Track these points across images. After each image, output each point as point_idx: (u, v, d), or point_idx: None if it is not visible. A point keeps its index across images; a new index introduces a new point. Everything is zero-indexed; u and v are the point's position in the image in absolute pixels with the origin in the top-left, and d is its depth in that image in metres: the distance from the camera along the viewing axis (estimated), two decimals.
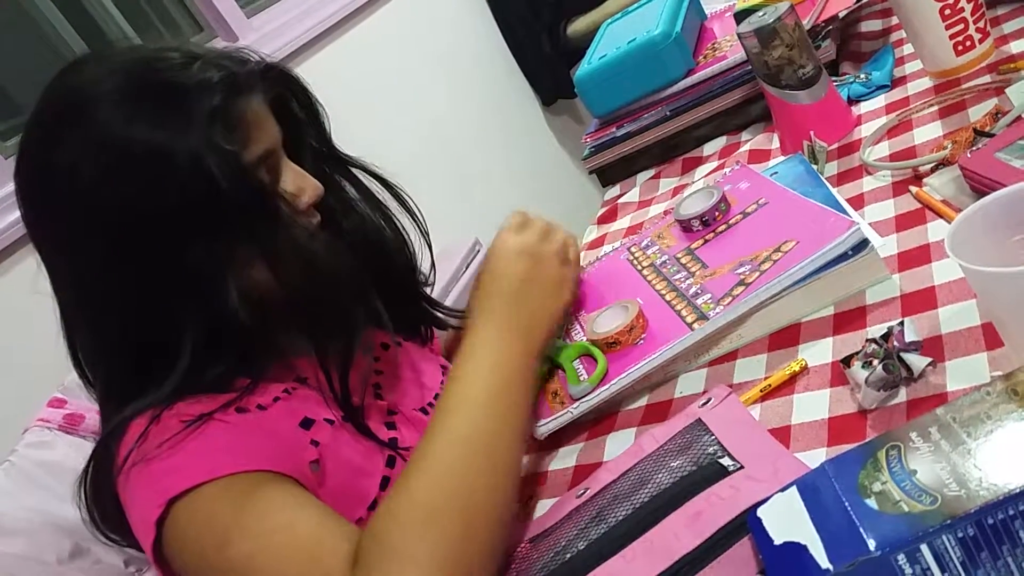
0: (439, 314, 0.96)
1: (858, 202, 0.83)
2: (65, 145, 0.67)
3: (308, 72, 2.00)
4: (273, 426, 0.70)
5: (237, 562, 0.60)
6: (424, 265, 0.94)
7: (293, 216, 0.73)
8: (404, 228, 0.89)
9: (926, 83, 0.97)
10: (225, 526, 0.62)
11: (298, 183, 0.76)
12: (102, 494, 0.70)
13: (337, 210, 0.84)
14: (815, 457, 0.58)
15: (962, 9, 0.88)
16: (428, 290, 0.96)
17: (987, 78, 0.89)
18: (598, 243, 1.16)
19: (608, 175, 1.30)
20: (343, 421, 0.74)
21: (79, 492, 0.71)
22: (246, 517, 0.62)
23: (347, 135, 0.88)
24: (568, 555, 0.60)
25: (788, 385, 0.66)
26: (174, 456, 0.64)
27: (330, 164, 0.85)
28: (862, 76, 1.04)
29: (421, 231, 0.90)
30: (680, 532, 0.55)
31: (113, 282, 0.69)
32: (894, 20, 1.15)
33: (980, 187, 0.70)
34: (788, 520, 0.47)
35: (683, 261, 0.84)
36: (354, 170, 0.87)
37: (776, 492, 0.50)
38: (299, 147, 0.81)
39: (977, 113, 0.84)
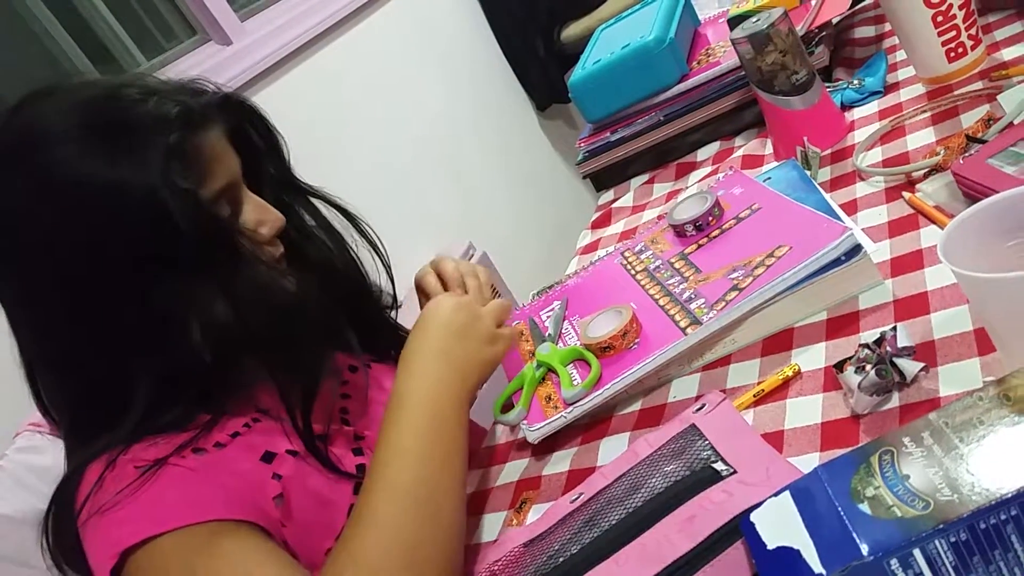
0: (404, 336, 0.96)
1: (851, 208, 0.84)
2: (19, 185, 0.66)
3: (302, 76, 2.01)
4: (232, 465, 0.69)
5: None
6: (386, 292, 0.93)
7: (255, 251, 0.72)
8: (358, 257, 0.88)
9: (919, 89, 0.97)
10: None
11: (259, 215, 0.76)
12: (63, 537, 0.68)
13: (298, 239, 0.83)
14: (808, 462, 0.58)
15: (954, 16, 0.89)
16: (394, 314, 0.95)
17: (979, 84, 0.89)
18: (592, 248, 1.16)
19: (602, 180, 1.30)
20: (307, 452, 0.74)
21: (42, 536, 0.69)
22: (201, 570, 0.61)
23: (341, 141, 0.88)
24: (561, 559, 0.60)
25: (781, 390, 0.67)
26: (128, 506, 0.63)
27: (288, 193, 0.84)
28: (855, 82, 1.05)
29: (383, 262, 0.89)
30: (673, 536, 0.55)
31: (72, 324, 0.68)
32: (887, 26, 1.16)
33: (972, 193, 0.71)
34: (781, 525, 0.47)
35: (677, 266, 0.84)
36: (313, 200, 0.86)
37: (769, 497, 0.50)
38: (258, 177, 0.80)
39: (969, 119, 0.85)
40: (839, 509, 0.44)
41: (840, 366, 0.61)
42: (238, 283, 0.69)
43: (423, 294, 0.89)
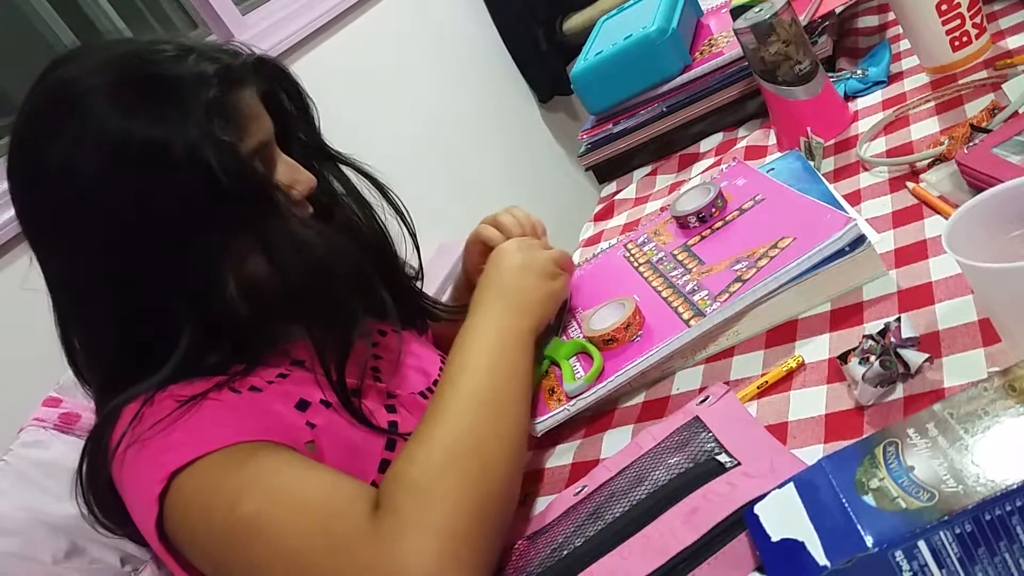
0: (429, 306, 0.96)
1: (855, 198, 0.83)
2: (60, 142, 0.67)
3: (303, 69, 2.00)
4: (268, 405, 0.70)
5: (247, 520, 0.60)
6: (411, 262, 0.94)
7: (289, 207, 0.73)
8: (386, 226, 0.89)
9: (923, 79, 0.96)
10: (233, 488, 0.62)
11: (292, 175, 0.76)
12: (98, 482, 0.70)
13: (327, 204, 0.84)
14: (812, 454, 0.58)
15: (959, 5, 0.88)
16: (419, 285, 0.96)
17: (984, 74, 0.89)
18: (595, 240, 1.16)
19: (605, 172, 1.30)
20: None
21: (75, 482, 0.71)
22: (255, 476, 0.62)
23: (343, 132, 0.89)
24: (565, 552, 0.60)
25: (785, 382, 0.66)
26: (172, 433, 0.64)
27: (318, 159, 0.85)
28: (859, 72, 1.04)
29: (409, 231, 0.90)
30: (677, 528, 0.55)
31: (111, 278, 0.69)
32: (891, 16, 1.15)
33: (977, 183, 0.70)
34: (786, 517, 0.47)
35: (680, 258, 0.84)
36: (342, 167, 0.87)
37: (773, 489, 0.50)
38: (288, 141, 0.81)
39: (974, 109, 0.84)
40: (843, 501, 0.44)
41: (844, 357, 0.61)
42: (275, 236, 0.71)
43: (481, 247, 0.92)
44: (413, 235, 0.90)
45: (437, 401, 0.68)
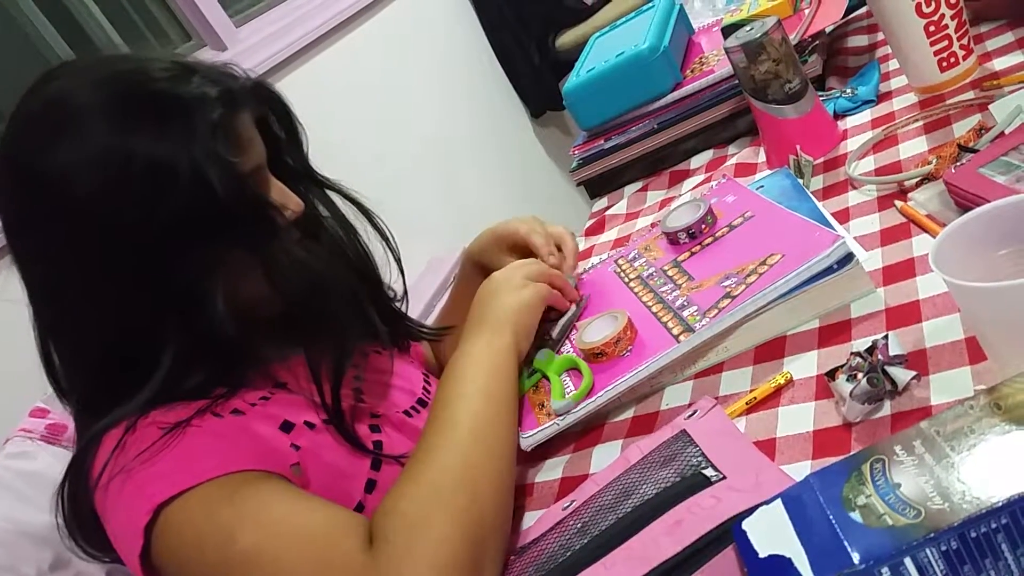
0: (412, 327, 0.97)
1: (843, 216, 0.84)
2: (54, 155, 0.66)
3: (297, 83, 2.01)
4: (253, 429, 0.70)
5: (244, 556, 0.60)
6: (396, 286, 0.95)
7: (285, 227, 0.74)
8: (370, 250, 0.90)
9: (911, 98, 0.97)
10: (226, 522, 0.61)
11: (281, 199, 0.77)
12: (80, 509, 0.69)
13: (312, 228, 0.85)
14: (800, 470, 0.58)
15: (946, 26, 0.89)
16: (402, 307, 0.97)
17: (971, 94, 0.90)
18: (585, 255, 1.16)
19: (596, 187, 1.31)
20: (326, 424, 0.74)
21: (56, 509, 0.70)
22: (247, 510, 0.61)
23: (335, 146, 0.89)
24: (551, 566, 0.60)
25: (773, 398, 0.67)
26: (157, 463, 0.64)
27: (305, 184, 0.85)
28: (848, 91, 1.05)
29: (394, 255, 0.91)
30: (660, 540, 0.55)
31: (99, 294, 0.69)
32: (880, 36, 1.16)
33: (964, 202, 0.71)
34: (773, 533, 0.47)
35: (670, 273, 0.85)
36: (328, 192, 0.87)
37: (760, 504, 0.50)
38: (277, 165, 0.81)
39: (961, 129, 0.85)
40: (830, 517, 0.44)
41: (832, 374, 0.61)
42: (274, 255, 0.71)
43: (510, 240, 0.95)
44: (398, 260, 0.91)
45: (430, 431, 0.69)
